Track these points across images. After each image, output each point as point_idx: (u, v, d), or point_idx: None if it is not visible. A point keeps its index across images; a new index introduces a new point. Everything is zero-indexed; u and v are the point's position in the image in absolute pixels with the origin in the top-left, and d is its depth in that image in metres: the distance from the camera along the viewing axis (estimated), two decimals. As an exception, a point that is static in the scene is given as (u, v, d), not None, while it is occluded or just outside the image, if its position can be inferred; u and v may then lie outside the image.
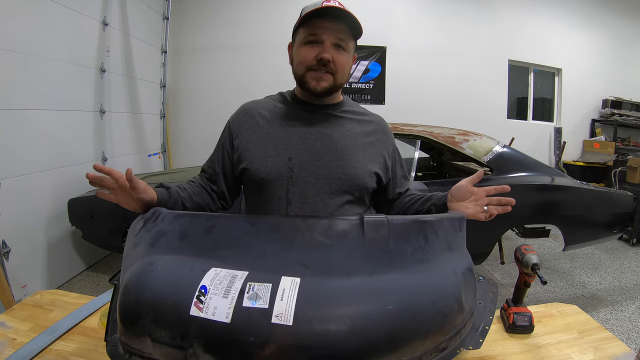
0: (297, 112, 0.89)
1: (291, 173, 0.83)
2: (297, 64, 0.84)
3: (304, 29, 0.81)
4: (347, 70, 0.85)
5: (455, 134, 2.37)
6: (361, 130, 0.91)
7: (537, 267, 0.80)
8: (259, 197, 0.87)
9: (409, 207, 0.91)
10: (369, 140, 0.90)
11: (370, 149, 0.90)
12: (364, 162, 0.87)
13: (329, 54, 0.79)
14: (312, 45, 0.81)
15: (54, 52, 2.27)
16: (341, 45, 0.81)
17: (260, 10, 4.08)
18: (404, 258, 0.61)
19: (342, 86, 0.87)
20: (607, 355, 0.75)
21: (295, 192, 0.83)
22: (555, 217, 2.16)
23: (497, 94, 4.63)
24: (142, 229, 0.65)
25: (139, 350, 0.52)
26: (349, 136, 0.88)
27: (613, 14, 4.79)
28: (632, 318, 2.11)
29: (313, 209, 0.83)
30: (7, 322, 0.85)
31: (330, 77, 0.82)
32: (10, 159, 1.98)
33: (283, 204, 0.84)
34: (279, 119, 0.89)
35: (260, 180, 0.84)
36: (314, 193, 0.83)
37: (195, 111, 4.19)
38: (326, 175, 0.84)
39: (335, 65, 0.81)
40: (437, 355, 0.56)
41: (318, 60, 0.80)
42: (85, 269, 2.68)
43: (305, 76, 0.83)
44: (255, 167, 0.85)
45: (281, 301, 0.49)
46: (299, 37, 0.83)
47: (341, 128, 0.88)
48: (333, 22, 0.79)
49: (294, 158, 0.84)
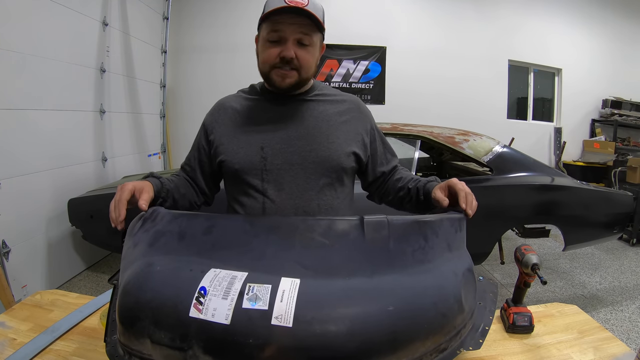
0: (267, 103, 0.90)
1: (264, 162, 0.84)
2: (262, 63, 0.84)
3: (267, 24, 0.81)
4: (311, 65, 0.84)
5: (455, 134, 2.37)
6: (334, 111, 0.90)
7: (537, 267, 0.80)
8: (236, 188, 0.89)
9: (399, 188, 0.92)
10: (342, 119, 0.90)
11: (345, 127, 0.89)
12: (338, 142, 0.86)
13: (291, 52, 0.79)
14: (274, 43, 0.80)
15: (54, 52, 2.26)
16: (304, 41, 0.80)
17: (260, 10, 4.07)
18: (404, 259, 0.61)
19: (308, 80, 0.87)
20: (607, 355, 0.75)
21: (270, 180, 0.84)
22: (555, 217, 2.16)
23: (497, 94, 4.63)
24: (140, 229, 0.65)
25: (139, 351, 0.52)
26: (320, 118, 0.88)
27: (613, 14, 4.79)
28: (632, 318, 2.11)
29: (289, 196, 0.84)
30: (7, 322, 0.85)
31: (294, 73, 0.82)
32: (10, 159, 1.98)
33: (259, 192, 0.85)
34: (251, 110, 0.90)
35: (235, 172, 0.86)
36: (289, 180, 0.84)
37: (195, 111, 4.17)
38: (299, 160, 0.84)
39: (299, 61, 0.81)
40: (437, 355, 0.56)
41: (281, 59, 0.80)
42: (85, 269, 2.68)
43: (269, 74, 0.83)
44: (229, 159, 0.86)
45: (281, 302, 0.49)
46: (263, 32, 0.83)
47: (312, 111, 0.88)
48: (295, 17, 0.78)
49: (266, 147, 0.84)
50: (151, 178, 0.80)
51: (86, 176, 2.64)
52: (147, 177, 0.80)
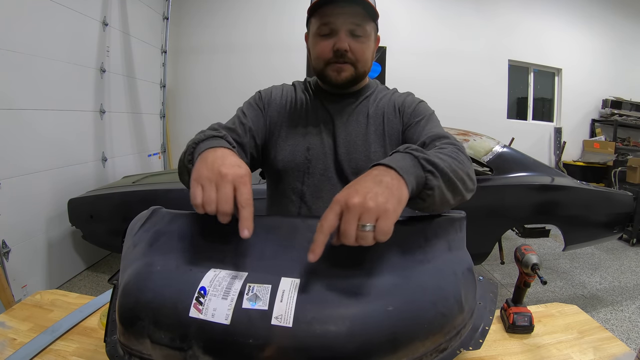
0: (318, 102, 0.86)
1: (308, 164, 0.80)
2: (315, 59, 0.80)
3: (316, 18, 0.76)
4: (368, 58, 0.80)
5: (455, 134, 2.37)
6: (379, 113, 0.84)
7: (537, 267, 0.80)
8: (277, 187, 0.85)
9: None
10: (387, 119, 0.84)
11: (389, 129, 0.83)
12: (381, 152, 0.81)
13: (344, 44, 0.74)
14: (326, 36, 0.76)
15: (54, 52, 2.26)
16: (357, 32, 0.76)
17: (260, 10, 4.08)
18: (404, 258, 0.61)
19: (365, 74, 0.82)
20: (607, 355, 0.75)
21: (310, 185, 0.80)
22: (555, 217, 2.16)
23: (497, 94, 4.63)
24: (140, 229, 0.65)
25: (139, 351, 0.52)
26: (368, 124, 0.83)
27: (613, 14, 4.79)
28: (632, 318, 2.11)
29: (325, 204, 0.80)
30: (7, 322, 0.85)
31: (350, 67, 0.77)
32: (10, 159, 1.98)
33: (297, 195, 0.81)
34: (303, 107, 0.86)
35: (277, 170, 0.82)
36: (328, 188, 0.80)
37: (195, 111, 4.19)
38: (340, 169, 0.80)
39: (353, 54, 0.76)
40: (437, 356, 0.56)
41: (335, 52, 0.75)
42: (85, 269, 2.68)
43: (324, 70, 0.79)
44: (274, 153, 0.82)
45: (281, 302, 0.49)
46: (312, 27, 0.79)
47: (359, 116, 0.84)
48: (345, 6, 0.73)
49: (312, 148, 0.81)
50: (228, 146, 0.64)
51: (86, 176, 2.64)
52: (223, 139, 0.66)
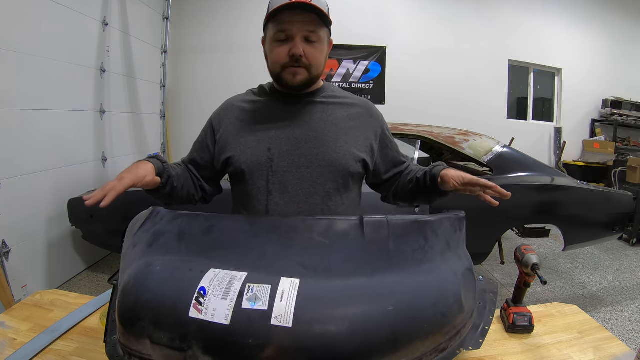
0: (276, 103, 0.89)
1: (271, 163, 0.83)
2: (272, 63, 0.83)
3: (273, 24, 0.80)
4: (321, 62, 0.84)
5: (455, 134, 2.37)
6: (343, 114, 0.88)
7: (537, 267, 0.80)
8: (241, 189, 0.87)
9: (408, 181, 0.91)
10: (352, 124, 0.88)
11: (354, 132, 0.87)
12: (347, 146, 0.85)
13: (300, 50, 0.78)
14: (282, 42, 0.80)
15: (54, 52, 2.26)
16: (311, 39, 0.80)
17: (259, 10, 4.06)
18: (404, 258, 0.61)
19: (318, 77, 0.86)
20: (607, 355, 0.75)
21: (275, 182, 0.83)
22: (555, 217, 2.15)
23: (497, 94, 4.62)
24: (140, 229, 0.65)
25: (138, 351, 0.52)
26: (329, 121, 0.86)
27: (613, 14, 4.78)
28: (632, 318, 2.11)
29: (293, 199, 0.83)
30: (7, 322, 0.85)
31: (304, 70, 0.81)
32: (10, 159, 1.98)
33: (263, 194, 0.83)
34: (259, 110, 0.89)
35: (242, 172, 0.85)
36: (295, 183, 0.83)
37: (195, 111, 4.18)
38: (306, 163, 0.83)
39: (308, 59, 0.80)
40: (437, 355, 0.56)
41: (290, 57, 0.79)
42: (85, 269, 2.68)
43: (281, 74, 0.82)
44: (236, 159, 0.85)
45: (280, 302, 0.49)
46: (270, 32, 0.83)
47: (321, 114, 0.87)
48: (301, 14, 0.77)
49: (273, 148, 0.83)
50: (154, 160, 0.78)
51: (86, 176, 2.64)
52: (151, 158, 0.78)
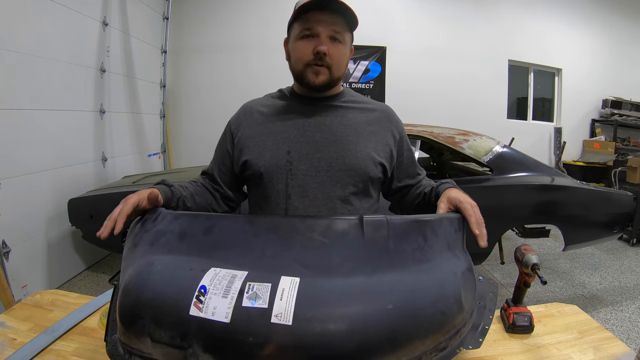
0: (295, 106, 0.88)
1: (290, 166, 0.82)
2: (295, 60, 0.83)
3: (299, 23, 0.80)
4: (343, 63, 0.84)
5: (455, 134, 2.37)
6: (363, 119, 0.88)
7: (537, 267, 0.80)
8: (259, 193, 0.86)
9: (416, 195, 0.90)
10: (371, 129, 0.87)
11: (374, 137, 0.87)
12: (367, 151, 0.84)
13: (325, 47, 0.78)
14: (307, 39, 0.79)
15: (54, 52, 2.26)
16: (337, 38, 0.80)
17: (260, 10, 4.08)
18: (404, 258, 0.61)
19: (339, 80, 0.86)
20: (607, 355, 0.75)
21: (294, 186, 0.82)
22: (555, 217, 2.15)
23: (497, 93, 4.63)
24: (141, 229, 0.65)
25: (139, 350, 0.52)
26: (349, 125, 0.86)
27: (613, 14, 4.79)
28: (632, 318, 2.11)
29: (313, 203, 0.82)
30: (7, 322, 0.85)
31: (326, 70, 0.81)
32: (10, 159, 1.98)
33: (282, 198, 0.82)
34: (278, 114, 0.88)
35: (260, 175, 0.84)
36: (314, 186, 0.82)
37: (196, 111, 4.19)
38: (326, 167, 0.82)
39: (330, 58, 0.80)
40: (437, 354, 0.56)
41: (315, 54, 0.79)
42: (85, 269, 2.68)
43: (304, 71, 0.82)
44: (254, 161, 0.84)
45: (280, 301, 0.49)
46: (294, 32, 0.82)
47: (341, 118, 0.86)
48: (328, 14, 0.77)
49: (293, 151, 0.82)
50: (161, 185, 0.77)
51: (86, 176, 2.64)
52: (158, 185, 0.77)
